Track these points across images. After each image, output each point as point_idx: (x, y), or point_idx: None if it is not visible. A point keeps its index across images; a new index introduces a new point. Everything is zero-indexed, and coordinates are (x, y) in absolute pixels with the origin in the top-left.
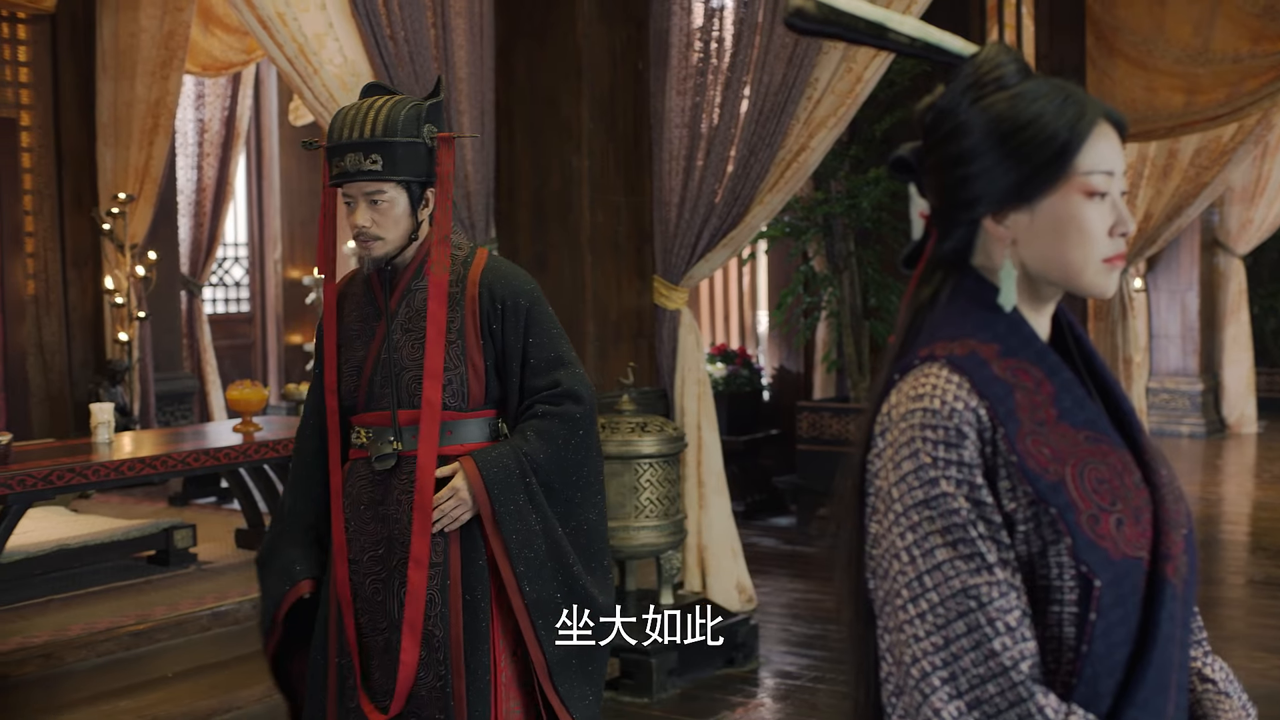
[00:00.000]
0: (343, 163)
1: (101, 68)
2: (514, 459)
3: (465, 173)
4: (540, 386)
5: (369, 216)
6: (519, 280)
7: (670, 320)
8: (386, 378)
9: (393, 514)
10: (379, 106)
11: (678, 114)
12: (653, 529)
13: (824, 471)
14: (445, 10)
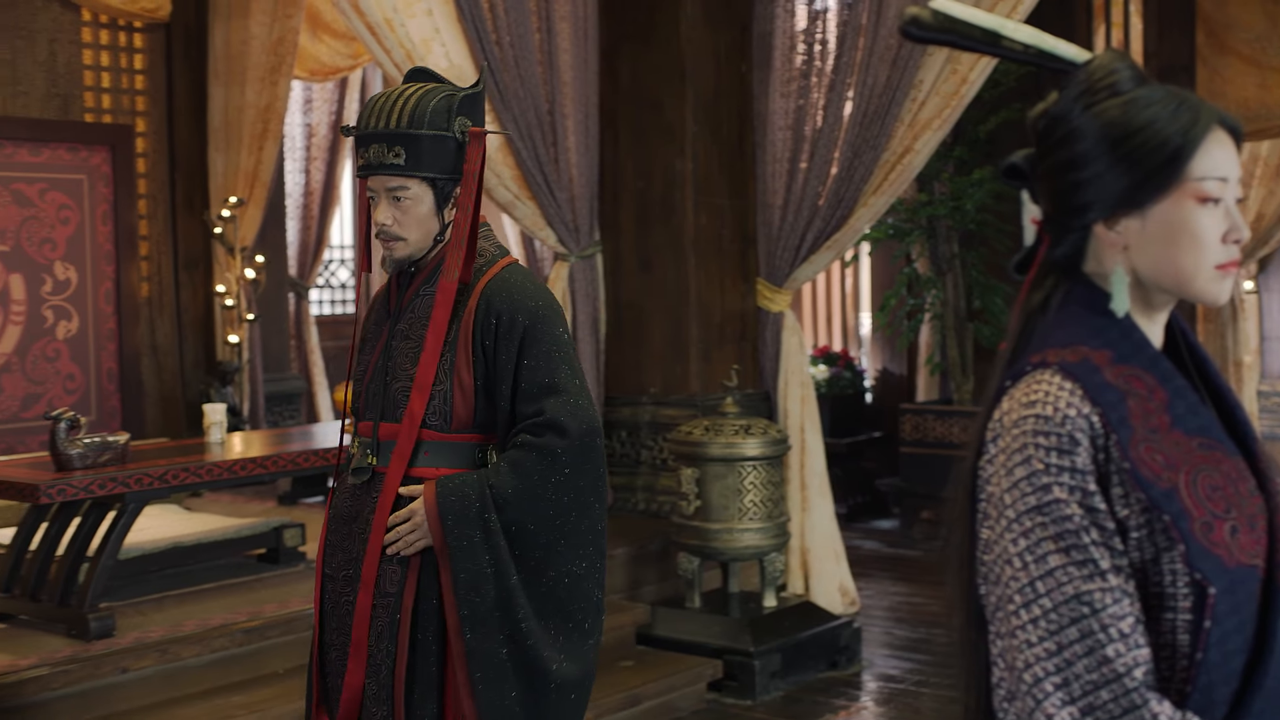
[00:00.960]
0: (367, 153)
1: (213, 74)
2: (476, 490)
3: (570, 176)
4: (526, 414)
5: (390, 214)
6: (523, 295)
7: (773, 322)
8: (379, 386)
9: (362, 532)
10: (409, 95)
11: (781, 116)
12: (756, 531)
13: (927, 474)
14: (550, 14)
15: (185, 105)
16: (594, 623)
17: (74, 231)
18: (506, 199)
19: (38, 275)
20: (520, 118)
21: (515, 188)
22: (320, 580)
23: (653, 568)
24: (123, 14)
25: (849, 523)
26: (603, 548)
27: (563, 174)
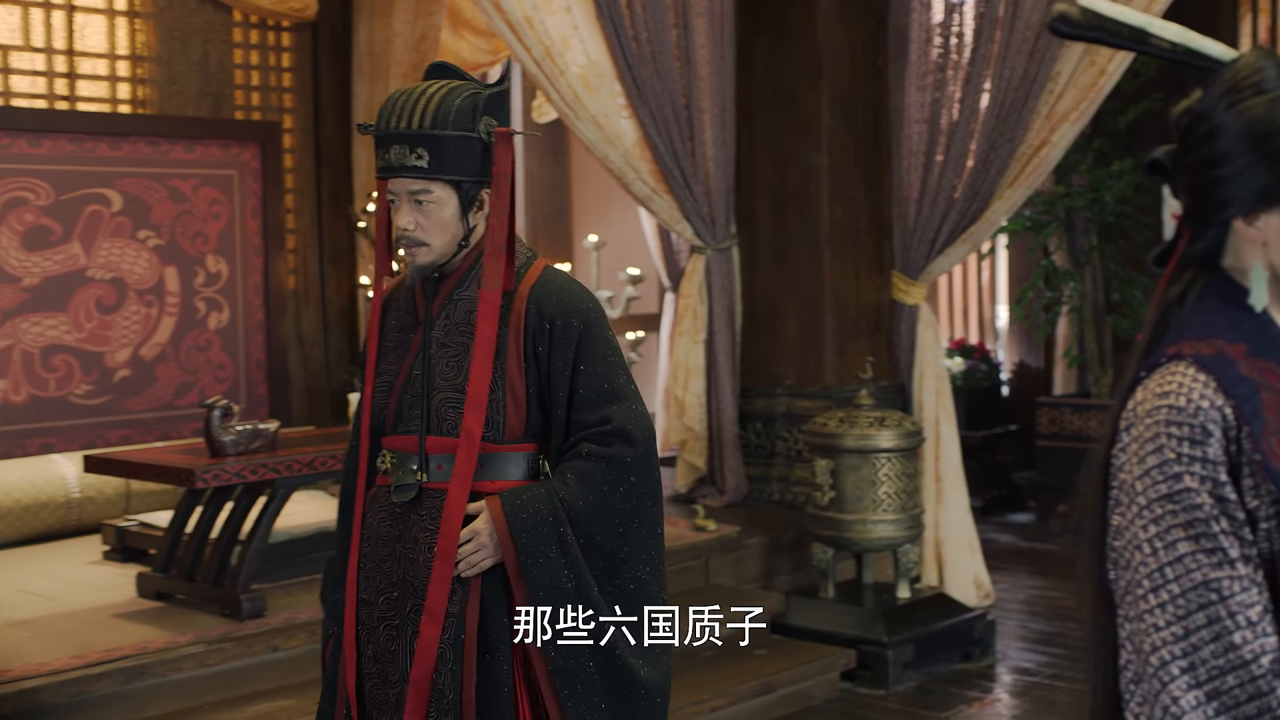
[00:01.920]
0: (388, 155)
1: (358, 71)
2: (547, 504)
3: (706, 169)
4: (588, 422)
5: (413, 218)
6: (574, 298)
7: (909, 315)
8: (416, 397)
9: (409, 554)
10: (432, 93)
11: (917, 109)
12: (890, 523)
13: (1064, 468)
14: (687, 10)
15: (331, 102)
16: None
17: (225, 226)
18: (644, 193)
19: (190, 268)
20: (657, 112)
21: (653, 182)
22: (355, 605)
23: (787, 558)
24: (272, 14)
25: (984, 516)
26: (663, 550)
27: (699, 168)
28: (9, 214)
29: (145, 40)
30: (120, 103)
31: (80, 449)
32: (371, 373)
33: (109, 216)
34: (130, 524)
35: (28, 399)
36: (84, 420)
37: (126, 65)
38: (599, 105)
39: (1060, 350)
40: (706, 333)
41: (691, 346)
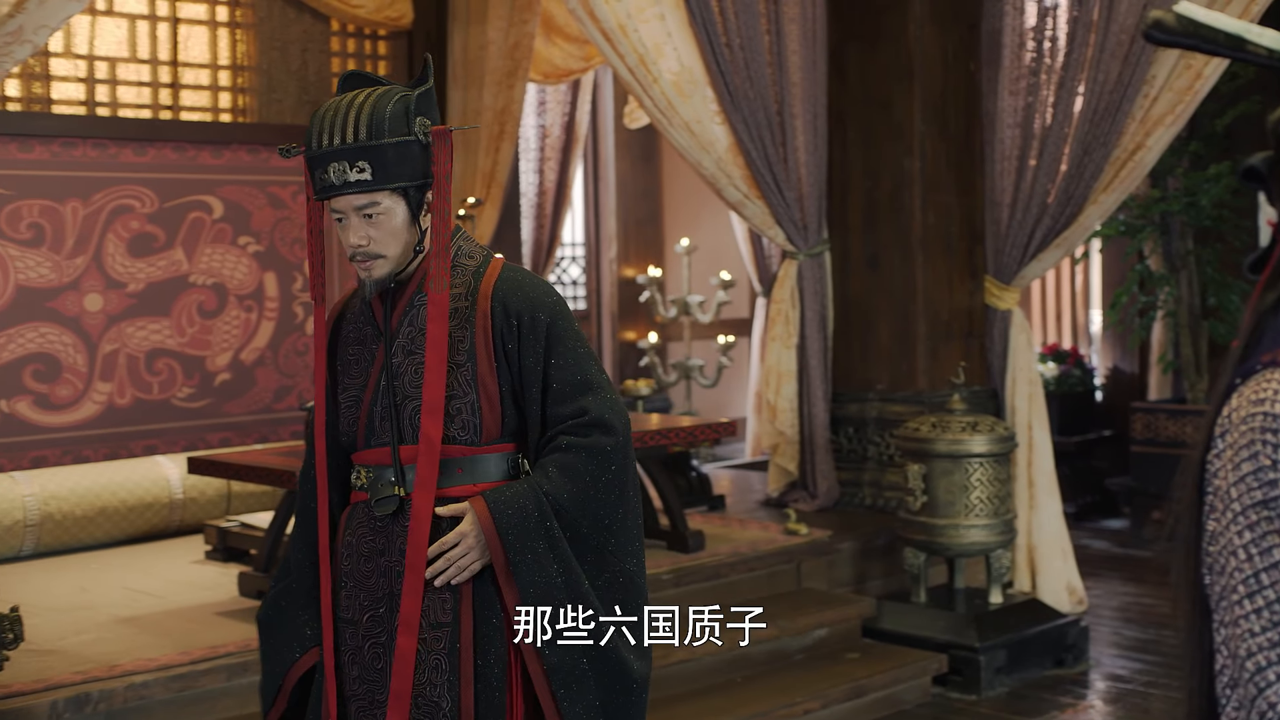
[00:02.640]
0: (326, 175)
1: (452, 78)
2: (532, 499)
3: (799, 175)
4: (564, 415)
5: (364, 233)
6: (538, 292)
7: (1001, 320)
8: (386, 409)
9: (395, 568)
10: (360, 103)
11: (1010, 114)
12: (982, 527)
13: (1159, 474)
14: (779, 16)
15: None
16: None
17: None
18: (736, 199)
19: (289, 273)
20: (750, 118)
21: (745, 187)
22: (333, 626)
23: (878, 562)
24: (369, 23)
25: (1077, 522)
26: (643, 541)
27: (791, 173)
28: (115, 221)
29: (245, 50)
30: (221, 112)
31: (182, 451)
32: (321, 391)
33: (210, 223)
34: (231, 524)
35: (132, 402)
36: (186, 423)
37: (228, 75)
38: (692, 111)
39: (1155, 355)
40: (799, 337)
41: (784, 351)
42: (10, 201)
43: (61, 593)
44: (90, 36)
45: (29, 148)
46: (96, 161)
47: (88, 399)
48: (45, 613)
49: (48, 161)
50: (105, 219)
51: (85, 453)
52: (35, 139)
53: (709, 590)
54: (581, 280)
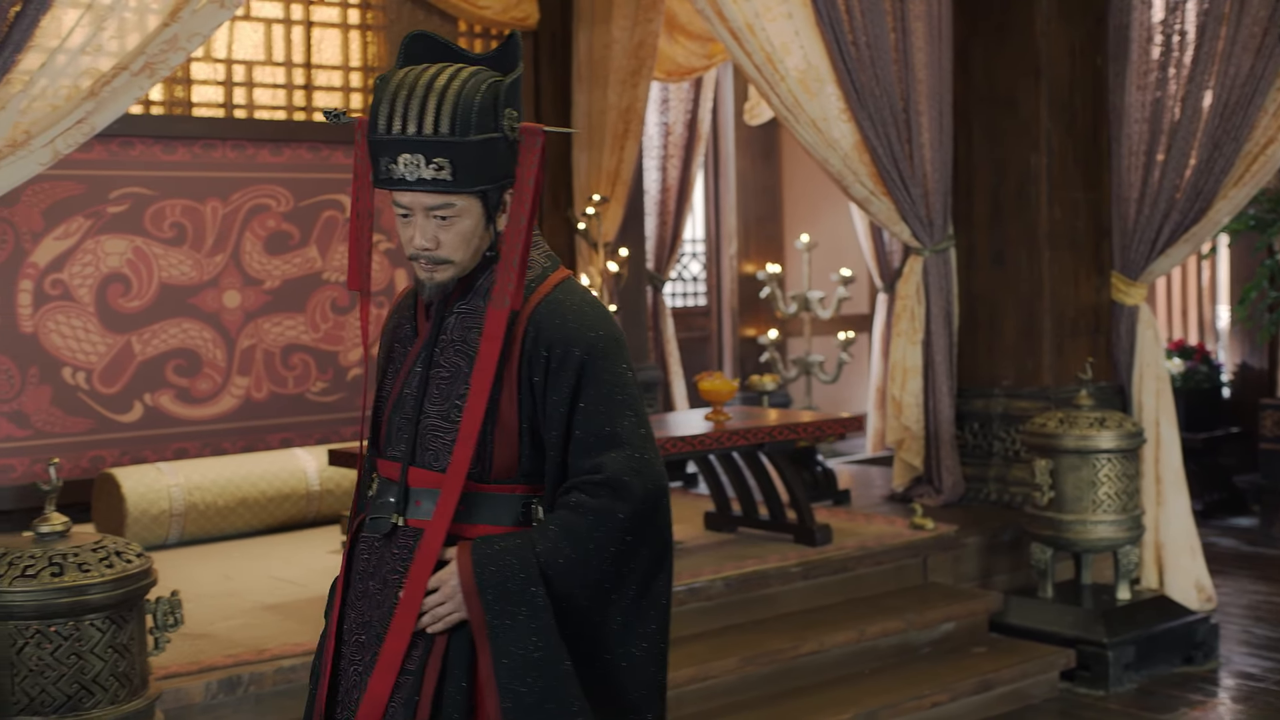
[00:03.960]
0: (394, 165)
1: (577, 78)
2: (519, 557)
3: (924, 172)
4: (582, 469)
5: (433, 235)
6: (581, 323)
7: (1128, 316)
8: (406, 420)
9: (378, 594)
10: (443, 86)
11: (1138, 109)
12: (1110, 523)
13: None
14: (905, 14)
15: (551, 108)
16: (658, 711)
17: None
18: (863, 195)
19: None
20: (876, 115)
21: (871, 184)
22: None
23: (1004, 557)
24: (495, 24)
25: (1204, 519)
26: (667, 623)
27: (917, 170)
28: (252, 220)
29: (376, 52)
30: (353, 112)
31: (316, 444)
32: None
33: (343, 222)
34: None
35: (269, 396)
36: (319, 417)
37: (359, 76)
38: (818, 109)
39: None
40: (924, 333)
41: (909, 347)
42: (154, 202)
43: (207, 580)
44: (229, 41)
45: (172, 149)
46: (235, 162)
47: (226, 393)
48: (194, 599)
49: (189, 163)
50: (243, 218)
51: (224, 445)
52: (178, 141)
53: (836, 584)
54: (702, 277)
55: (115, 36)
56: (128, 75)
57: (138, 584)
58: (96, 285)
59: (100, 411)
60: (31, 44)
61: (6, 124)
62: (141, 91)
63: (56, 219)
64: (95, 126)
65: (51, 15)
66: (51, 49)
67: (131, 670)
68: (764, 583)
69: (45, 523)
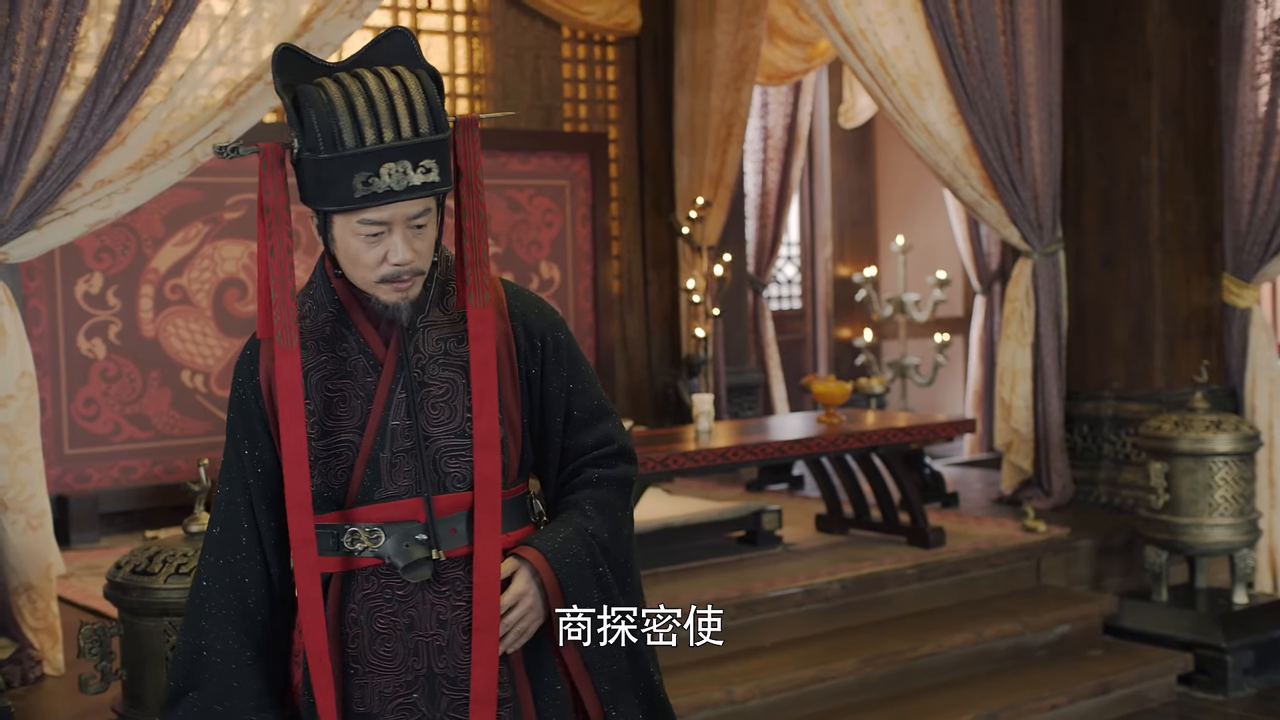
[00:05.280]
0: (375, 178)
1: (679, 82)
2: (583, 544)
3: (1034, 175)
4: (587, 445)
5: (413, 247)
6: (549, 309)
7: (1240, 318)
8: (406, 452)
9: (437, 641)
10: (399, 86)
11: (1251, 110)
12: (1226, 527)
13: None
14: (1015, 17)
15: (653, 113)
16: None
17: (557, 234)
18: (973, 198)
19: (526, 274)
20: (986, 118)
21: (981, 187)
22: None
23: (1117, 560)
24: (598, 29)
25: None
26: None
27: (1026, 173)
28: None
29: (482, 58)
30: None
31: None
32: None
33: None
34: None
35: None
36: None
37: (465, 83)
38: (929, 113)
39: None
40: (1033, 336)
41: (1018, 350)
42: None
43: None
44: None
45: None
46: None
47: None
48: None
49: None
50: None
51: None
52: None
53: (950, 586)
54: (796, 279)
55: (250, 47)
56: (262, 85)
57: None
58: (213, 290)
59: (217, 414)
60: (172, 55)
61: (147, 134)
62: (276, 101)
63: (176, 225)
64: (232, 135)
65: (191, 27)
66: (190, 60)
67: None
68: (880, 584)
69: (195, 522)
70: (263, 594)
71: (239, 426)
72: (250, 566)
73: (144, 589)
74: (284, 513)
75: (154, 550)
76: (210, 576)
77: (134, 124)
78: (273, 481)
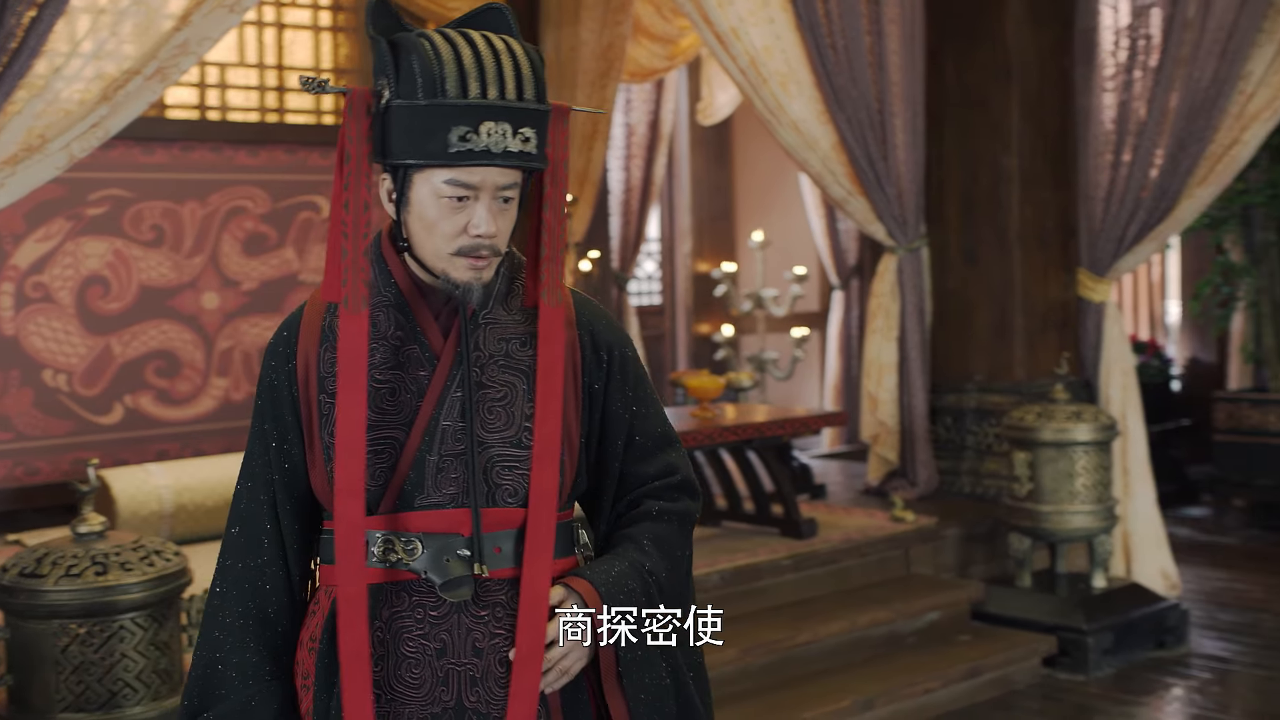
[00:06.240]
0: (474, 135)
1: None
2: (639, 581)
3: (898, 172)
4: (649, 474)
5: (494, 221)
6: (618, 324)
7: (1095, 312)
8: (456, 456)
9: (470, 671)
10: (506, 48)
11: (1105, 111)
12: (1087, 513)
13: (1242, 462)
14: (880, 18)
15: None
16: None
17: None
18: (840, 195)
19: None
20: (853, 117)
21: (848, 184)
22: None
23: (982, 548)
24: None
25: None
26: None
27: (892, 170)
28: (230, 222)
29: (347, 53)
30: (325, 114)
31: None
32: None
33: (320, 223)
34: None
35: (247, 396)
36: None
37: (330, 78)
38: (798, 111)
39: (1235, 346)
40: (898, 330)
41: (884, 344)
42: (133, 204)
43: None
44: None
45: (151, 151)
46: (213, 164)
47: (205, 394)
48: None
49: (168, 165)
50: (221, 220)
51: (203, 446)
52: (156, 143)
53: (824, 576)
54: (656, 275)
55: (129, 40)
56: (140, 80)
57: (177, 582)
58: (77, 287)
59: (81, 414)
60: (46, 49)
61: (21, 129)
62: (154, 96)
63: (37, 221)
64: (109, 130)
65: (66, 20)
66: (65, 54)
67: (171, 667)
68: (757, 575)
69: (84, 523)
70: (284, 603)
71: (268, 415)
72: (273, 571)
73: (32, 591)
74: (309, 514)
75: (43, 552)
76: (226, 582)
77: (8, 118)
78: (300, 479)
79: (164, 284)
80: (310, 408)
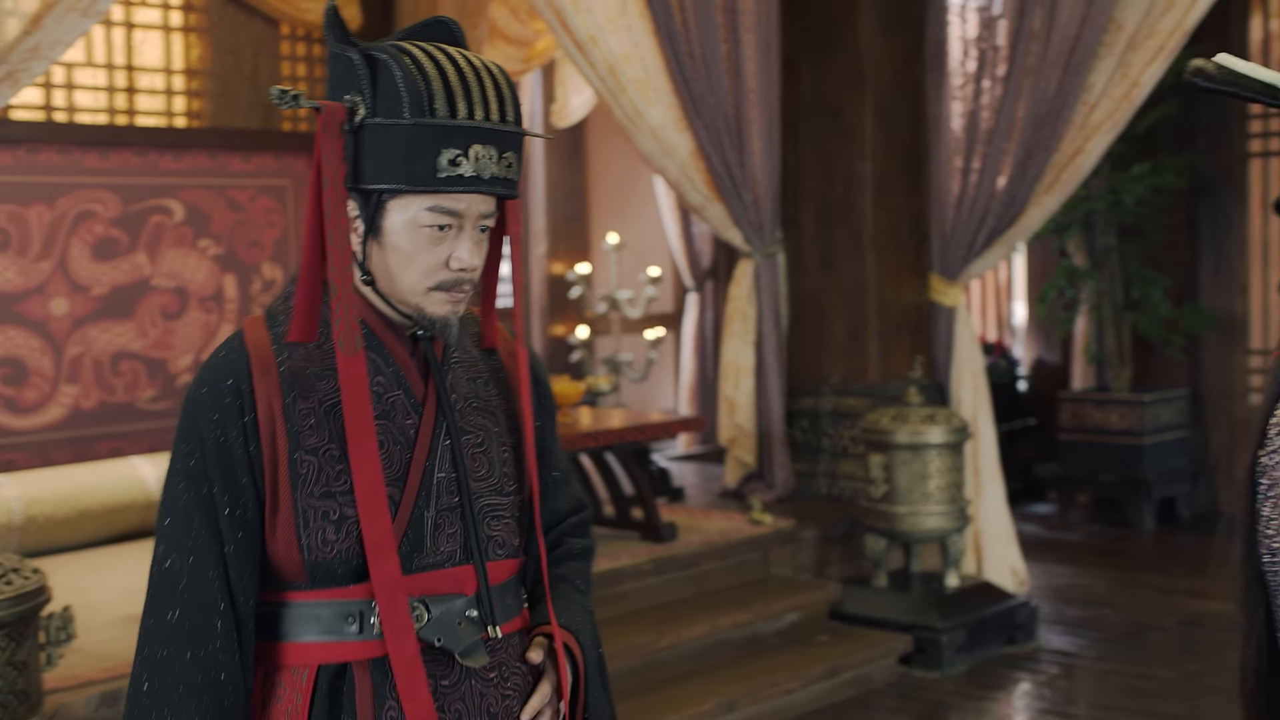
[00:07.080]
0: (462, 159)
1: None
2: (590, 623)
3: (755, 178)
4: (563, 510)
5: (477, 254)
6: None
7: (946, 316)
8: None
9: None
10: (493, 70)
11: (954, 119)
12: (940, 514)
13: (1086, 460)
14: (737, 25)
15: None
16: None
17: (279, 234)
18: (698, 201)
19: (247, 275)
20: (710, 124)
21: (706, 191)
22: None
23: (838, 549)
24: (318, 27)
25: None
26: None
27: (748, 176)
28: (79, 226)
29: (200, 55)
30: (176, 116)
31: (147, 452)
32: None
33: (172, 227)
34: None
35: (98, 404)
36: (150, 425)
37: (182, 79)
38: (656, 118)
39: (1079, 347)
40: (755, 334)
41: (741, 348)
42: None
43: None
44: None
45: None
46: (61, 166)
47: (54, 402)
48: None
49: (13, 167)
50: (70, 223)
51: (53, 455)
52: (1, 145)
53: (685, 579)
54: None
55: None
56: None
57: (34, 600)
58: None
59: None
60: None
61: None
62: (4, 101)
63: None
64: None
65: None
66: None
67: (29, 687)
68: (618, 580)
69: None
70: (240, 695)
71: (215, 478)
72: (227, 658)
73: None
74: (259, 588)
75: None
76: (166, 678)
77: None
78: (254, 548)
79: (10, 289)
80: (277, 467)
